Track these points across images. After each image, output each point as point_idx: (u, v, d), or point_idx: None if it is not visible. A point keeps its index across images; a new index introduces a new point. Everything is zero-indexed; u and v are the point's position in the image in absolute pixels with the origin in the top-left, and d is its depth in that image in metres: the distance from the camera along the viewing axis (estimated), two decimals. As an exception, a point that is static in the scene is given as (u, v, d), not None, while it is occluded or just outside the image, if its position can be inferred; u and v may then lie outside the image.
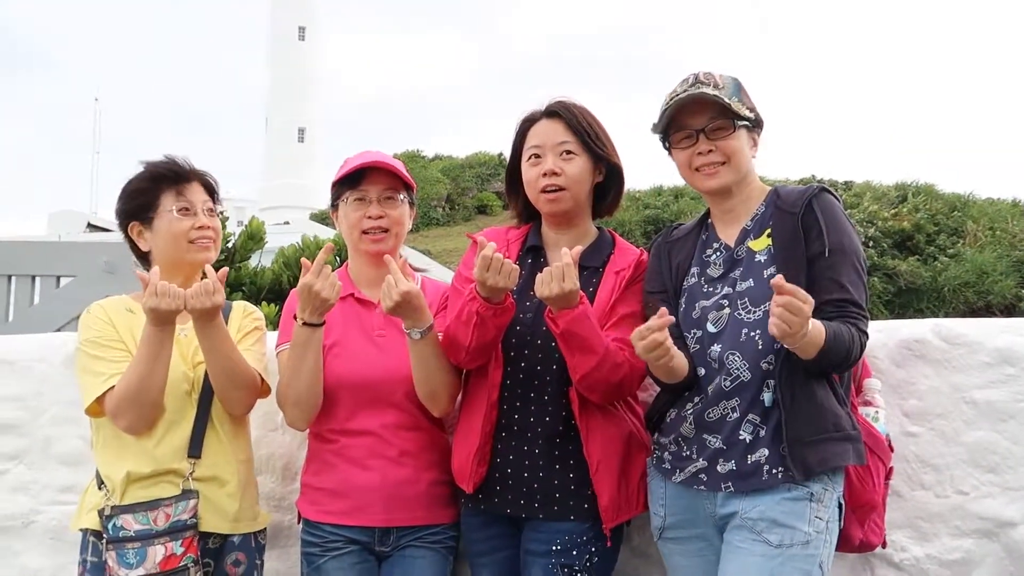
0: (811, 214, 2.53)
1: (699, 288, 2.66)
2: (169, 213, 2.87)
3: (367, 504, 2.83)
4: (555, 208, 2.83)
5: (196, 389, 2.83)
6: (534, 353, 2.77)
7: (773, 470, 2.46)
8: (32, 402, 3.54)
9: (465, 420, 2.86)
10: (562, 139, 2.82)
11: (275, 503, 3.33)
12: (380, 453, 2.85)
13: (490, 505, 2.79)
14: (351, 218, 2.95)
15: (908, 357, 2.97)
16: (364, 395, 2.86)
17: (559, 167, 2.80)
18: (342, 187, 2.97)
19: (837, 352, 2.39)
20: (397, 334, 2.86)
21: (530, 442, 2.76)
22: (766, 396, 2.49)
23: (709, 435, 2.55)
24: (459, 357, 2.77)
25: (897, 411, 2.94)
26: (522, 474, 2.75)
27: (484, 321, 2.64)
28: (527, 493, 2.74)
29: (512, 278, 2.59)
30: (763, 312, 2.49)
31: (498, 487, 2.78)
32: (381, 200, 2.94)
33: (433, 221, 36.70)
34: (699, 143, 2.60)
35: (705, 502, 2.56)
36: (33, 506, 3.50)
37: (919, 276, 26.96)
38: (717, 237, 2.71)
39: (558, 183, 2.79)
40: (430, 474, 2.90)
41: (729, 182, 2.63)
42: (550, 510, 2.73)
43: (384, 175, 2.95)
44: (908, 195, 31.14)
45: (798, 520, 2.43)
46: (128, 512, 2.70)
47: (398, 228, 2.97)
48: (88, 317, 2.86)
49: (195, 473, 2.77)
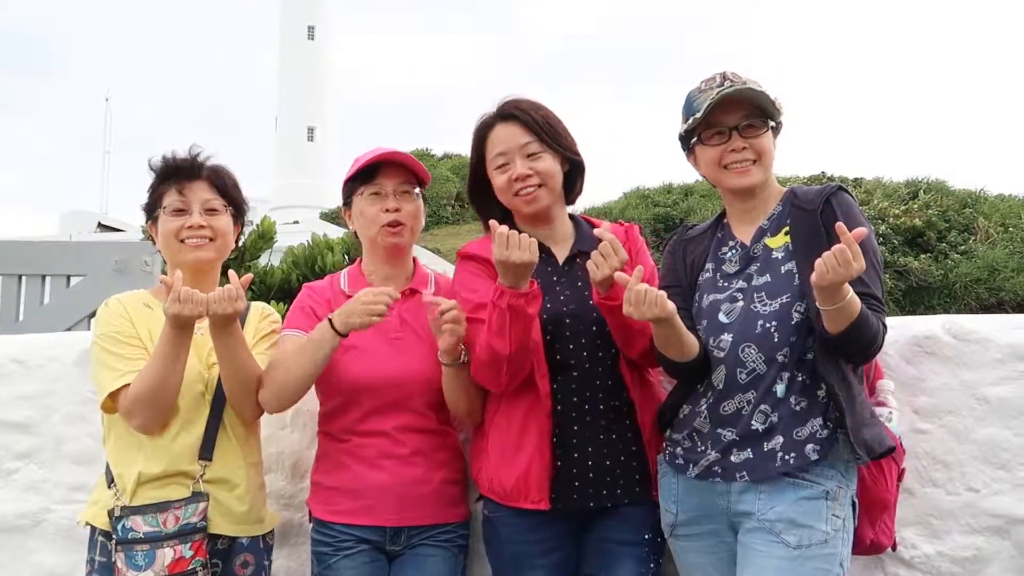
0: (830, 211, 2.55)
1: (713, 282, 2.68)
2: (164, 212, 2.87)
3: (378, 503, 2.83)
4: (535, 207, 2.84)
5: (210, 390, 2.82)
6: (582, 340, 2.76)
7: (787, 456, 2.46)
8: (43, 401, 3.55)
9: (507, 436, 2.79)
10: (524, 141, 2.83)
11: (284, 501, 3.33)
12: (392, 453, 2.85)
13: (568, 503, 2.74)
14: (368, 213, 2.92)
15: (919, 354, 2.96)
16: (380, 397, 2.85)
17: (529, 168, 2.81)
18: (356, 183, 2.95)
19: (865, 332, 2.40)
20: (414, 336, 2.87)
21: (591, 428, 2.74)
22: (778, 388, 2.50)
23: (724, 428, 2.55)
24: (499, 374, 2.70)
25: (908, 408, 2.93)
26: (588, 462, 2.73)
27: (517, 313, 2.59)
28: (601, 482, 2.73)
29: (533, 251, 2.57)
30: (779, 304, 2.52)
31: (564, 483, 2.73)
32: (397, 194, 2.93)
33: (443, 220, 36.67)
34: (732, 140, 2.62)
35: (719, 497, 2.56)
36: (45, 504, 3.51)
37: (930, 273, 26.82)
38: (733, 235, 2.73)
39: (532, 183, 2.81)
40: (441, 473, 2.90)
41: (759, 181, 2.65)
42: (629, 493, 2.74)
43: (399, 169, 2.94)
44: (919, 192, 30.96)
45: (815, 519, 2.44)
46: (138, 513, 2.69)
47: (413, 223, 2.97)
48: (106, 311, 2.85)
49: (205, 475, 2.77)
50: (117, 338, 2.78)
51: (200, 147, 2.95)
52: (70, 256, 6.06)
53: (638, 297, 2.44)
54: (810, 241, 2.53)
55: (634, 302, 2.44)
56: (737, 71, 2.64)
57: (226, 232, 2.94)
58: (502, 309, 2.60)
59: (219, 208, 2.92)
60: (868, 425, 2.47)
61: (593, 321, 2.76)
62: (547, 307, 2.77)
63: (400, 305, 2.92)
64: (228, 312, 2.65)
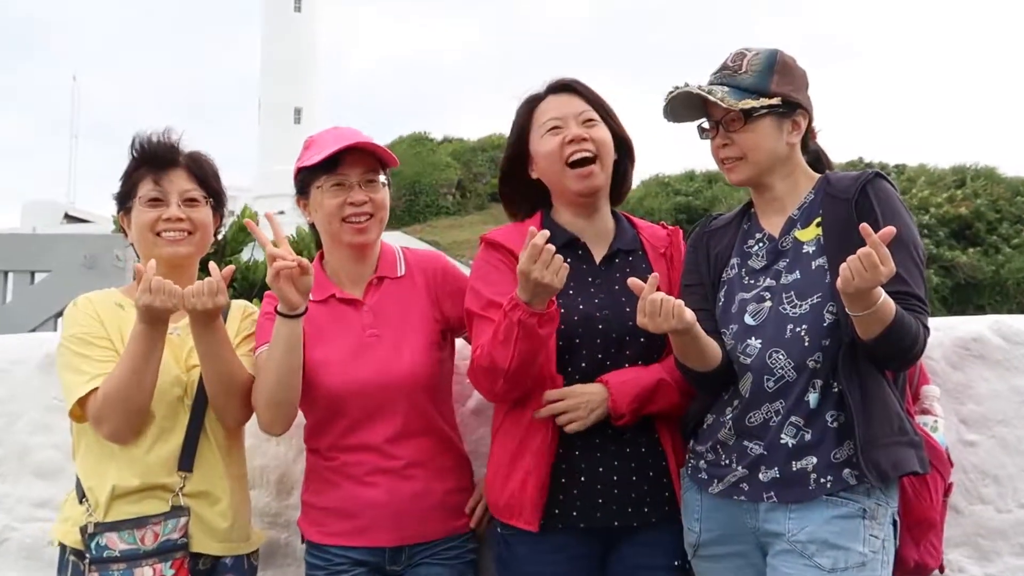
0: (866, 201, 2.53)
1: (739, 280, 2.67)
2: (139, 202, 2.87)
3: (374, 523, 2.82)
4: (588, 184, 2.80)
5: (189, 395, 2.82)
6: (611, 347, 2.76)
7: (821, 479, 2.45)
8: (5, 408, 3.55)
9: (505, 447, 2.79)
10: (581, 108, 2.84)
11: (269, 519, 3.33)
12: (384, 468, 2.83)
13: (591, 521, 2.72)
14: (329, 206, 2.87)
15: (965, 358, 2.97)
16: (363, 406, 2.83)
17: (584, 132, 2.80)
18: (314, 172, 2.90)
19: (902, 336, 2.38)
20: (391, 329, 2.86)
21: (614, 440, 2.74)
22: (811, 397, 2.49)
23: (750, 441, 2.55)
24: (495, 385, 2.69)
25: (954, 417, 2.95)
26: (614, 477, 2.73)
27: (527, 332, 2.55)
28: (626, 499, 2.73)
29: (561, 276, 2.50)
30: (810, 306, 2.50)
31: (587, 499, 2.72)
32: (363, 184, 2.89)
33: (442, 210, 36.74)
34: (718, 135, 2.65)
35: (746, 515, 2.56)
36: (7, 522, 3.51)
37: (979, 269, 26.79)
38: (760, 227, 2.71)
39: (588, 148, 2.78)
40: (443, 483, 2.89)
41: (746, 176, 2.66)
42: (657, 511, 2.74)
43: (363, 156, 2.89)
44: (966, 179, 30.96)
45: (852, 540, 2.42)
46: (113, 530, 2.69)
47: (382, 213, 2.92)
48: (74, 310, 2.85)
49: (185, 488, 2.77)
50: (86, 339, 2.77)
51: (177, 131, 2.94)
52: (35, 250, 6.04)
53: (653, 307, 2.43)
54: (843, 234, 2.51)
55: (648, 313, 2.43)
56: (747, 50, 2.66)
57: (206, 225, 2.93)
58: (512, 322, 2.57)
59: (199, 199, 2.90)
60: (887, 446, 2.44)
61: (626, 328, 2.74)
62: (579, 308, 2.76)
63: (370, 297, 2.91)
64: (208, 307, 2.64)
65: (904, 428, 2.51)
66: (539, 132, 2.85)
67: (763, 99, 2.59)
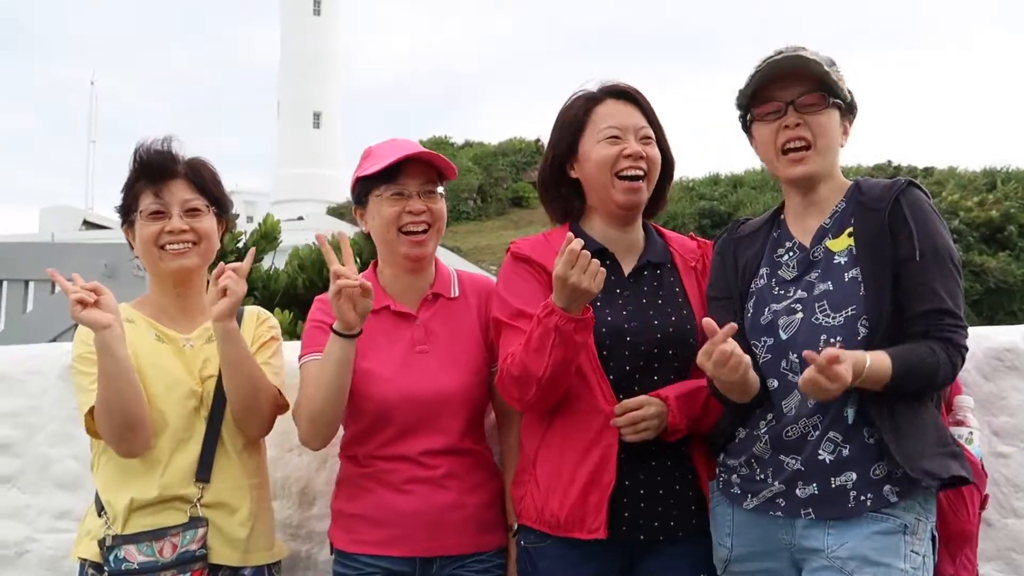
0: (899, 212, 2.50)
1: (769, 291, 2.64)
2: (141, 216, 2.87)
3: (408, 532, 2.82)
4: (634, 199, 2.82)
5: (205, 405, 2.83)
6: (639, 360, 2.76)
7: (861, 497, 2.43)
8: (26, 419, 3.59)
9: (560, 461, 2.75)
10: (641, 124, 2.84)
11: (291, 531, 3.34)
12: (421, 477, 2.84)
13: (617, 534, 2.71)
14: (387, 214, 2.88)
15: (998, 368, 2.96)
16: (407, 418, 2.85)
17: (643, 151, 2.81)
18: (374, 182, 2.90)
19: (912, 381, 2.38)
20: (441, 346, 2.88)
21: (643, 454, 2.73)
22: (849, 412, 2.46)
23: (787, 456, 2.52)
24: (527, 394, 2.68)
25: (986, 429, 2.93)
26: (640, 491, 2.72)
27: (564, 338, 2.56)
28: (653, 513, 2.72)
29: (598, 281, 2.53)
30: (844, 318, 2.48)
31: (625, 513, 2.71)
32: (422, 194, 2.90)
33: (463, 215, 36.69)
34: (787, 116, 2.58)
35: (781, 531, 2.53)
36: (28, 533, 3.54)
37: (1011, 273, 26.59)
38: (790, 235, 2.68)
39: (642, 167, 2.80)
40: (476, 497, 2.89)
41: (816, 169, 2.60)
42: (684, 526, 2.74)
43: (422, 166, 2.91)
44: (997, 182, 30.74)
45: (893, 556, 2.40)
46: (131, 542, 2.71)
47: (440, 224, 2.95)
48: (80, 329, 2.86)
49: (203, 499, 2.78)
50: (89, 358, 2.77)
51: (175, 139, 2.93)
52: (55, 259, 6.08)
53: (721, 357, 2.40)
54: (875, 245, 2.50)
55: (715, 360, 2.41)
56: (807, 47, 2.61)
57: (210, 234, 2.93)
58: (548, 328, 2.57)
59: (201, 208, 2.90)
60: (930, 456, 2.42)
61: (654, 340, 2.75)
62: (607, 320, 2.76)
63: (423, 312, 2.93)
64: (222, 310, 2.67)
65: (944, 439, 2.49)
66: (595, 135, 2.84)
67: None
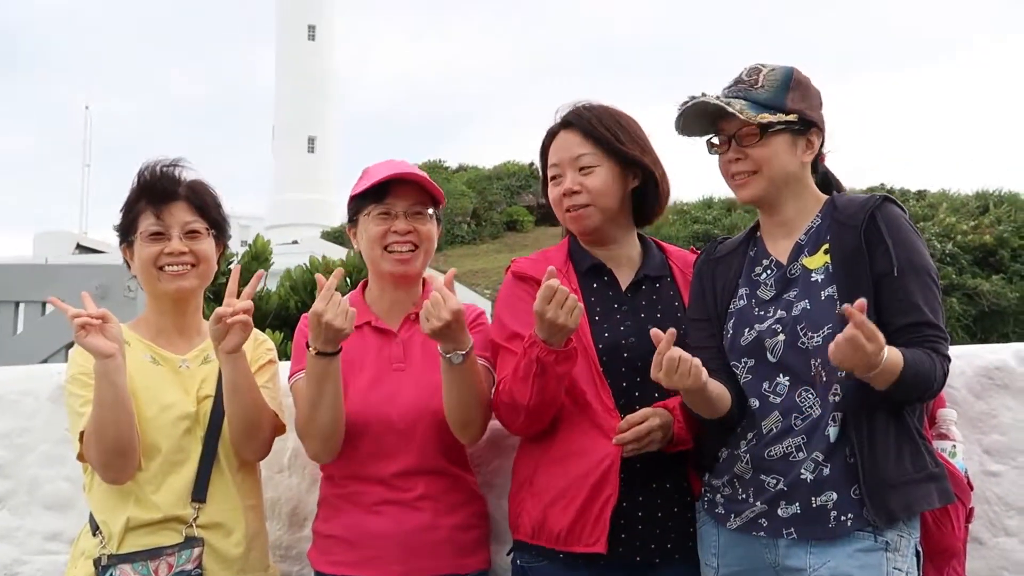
0: (875, 228, 2.51)
1: (750, 311, 2.64)
2: (141, 237, 2.88)
3: (380, 554, 2.82)
4: (582, 226, 2.86)
5: (201, 425, 2.84)
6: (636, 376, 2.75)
7: (842, 517, 2.43)
8: (17, 440, 3.57)
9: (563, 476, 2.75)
10: (578, 153, 2.85)
11: (281, 552, 3.34)
12: (393, 499, 2.84)
13: (613, 553, 2.69)
14: (373, 232, 2.92)
15: (989, 387, 2.96)
16: (381, 436, 2.85)
17: (577, 183, 2.83)
18: (364, 201, 2.95)
19: (916, 384, 2.37)
20: (418, 366, 2.87)
21: (641, 473, 2.73)
22: (831, 431, 2.46)
23: (768, 475, 2.53)
24: (516, 420, 2.73)
25: (977, 447, 2.93)
26: (638, 512, 2.72)
27: (545, 369, 2.59)
28: (650, 533, 2.72)
29: (575, 317, 2.54)
30: (822, 338, 2.47)
31: (622, 534, 2.71)
32: (409, 215, 2.93)
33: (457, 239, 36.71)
34: (730, 150, 2.64)
35: (765, 551, 2.54)
36: (17, 556, 3.53)
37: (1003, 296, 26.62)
38: (767, 253, 2.70)
39: (580, 201, 2.83)
40: (452, 518, 2.88)
41: (759, 192, 2.63)
42: (680, 547, 2.73)
43: (411, 188, 2.94)
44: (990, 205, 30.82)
45: (875, 574, 2.40)
46: (127, 561, 2.71)
47: (428, 245, 2.96)
48: (77, 350, 2.84)
49: (199, 519, 2.78)
50: (82, 380, 2.78)
51: (178, 160, 2.95)
52: (46, 280, 6.07)
53: (670, 365, 2.42)
54: (852, 262, 2.50)
55: (665, 370, 2.43)
56: (763, 65, 2.65)
57: (209, 256, 2.94)
58: (530, 359, 2.60)
59: (200, 231, 2.91)
60: (897, 486, 2.42)
61: (652, 355, 2.74)
62: (604, 336, 2.77)
63: (404, 331, 2.94)
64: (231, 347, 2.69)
65: (921, 463, 2.47)
66: (549, 175, 2.93)
67: (780, 115, 2.59)
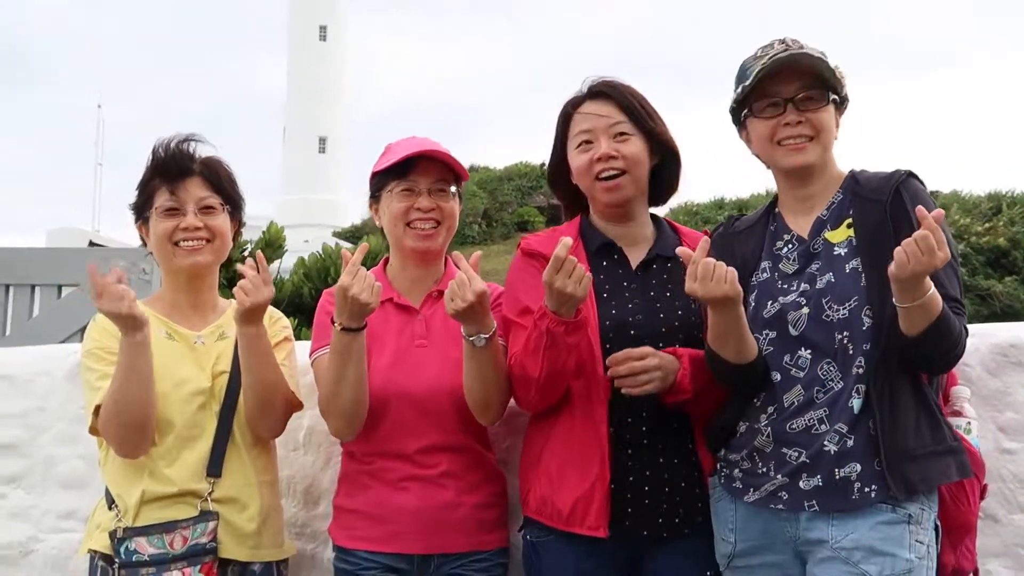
0: (900, 203, 2.52)
1: (773, 283, 2.63)
2: (156, 212, 2.90)
3: (405, 529, 2.83)
4: (616, 197, 2.83)
5: (217, 401, 2.85)
6: None
7: (866, 488, 2.43)
8: (33, 420, 3.61)
9: (566, 457, 2.77)
10: (615, 120, 2.83)
11: (297, 530, 3.35)
12: (417, 476, 2.85)
13: (622, 530, 2.71)
14: (395, 209, 2.91)
15: (1004, 364, 2.95)
16: (402, 410, 2.86)
17: (615, 149, 2.80)
18: (386, 177, 2.95)
19: (947, 334, 2.37)
20: (440, 343, 2.88)
21: (649, 450, 2.74)
22: (855, 402, 2.46)
23: (790, 449, 2.52)
24: (527, 394, 2.73)
25: (991, 425, 2.92)
26: (645, 487, 2.72)
27: (555, 340, 2.59)
28: (658, 509, 2.73)
29: (584, 286, 2.54)
30: (848, 311, 2.48)
31: (629, 509, 2.72)
32: (432, 192, 2.93)
33: (468, 239, 36.67)
34: (786, 113, 2.59)
35: (784, 524, 2.53)
36: (33, 533, 3.56)
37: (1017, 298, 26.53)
38: (787, 228, 2.69)
39: (616, 167, 2.79)
40: (475, 496, 2.89)
41: (815, 160, 2.62)
42: (689, 522, 2.74)
43: (435, 165, 2.94)
44: (1003, 206, 30.68)
45: (897, 547, 2.40)
46: (142, 535, 2.72)
47: (450, 222, 2.96)
48: (94, 326, 2.89)
49: (214, 494, 2.80)
50: (98, 354, 2.81)
51: (192, 136, 2.97)
52: (61, 265, 6.12)
53: (705, 271, 2.40)
54: (876, 236, 2.51)
55: (700, 276, 2.41)
56: (799, 38, 2.63)
57: (224, 232, 2.96)
58: (540, 331, 2.61)
59: (215, 206, 2.93)
60: (918, 458, 2.43)
61: (660, 334, 2.75)
62: (612, 313, 2.78)
63: (427, 308, 2.95)
64: (260, 302, 2.69)
65: (941, 436, 2.48)
66: (573, 144, 2.87)
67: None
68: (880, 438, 2.42)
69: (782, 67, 2.57)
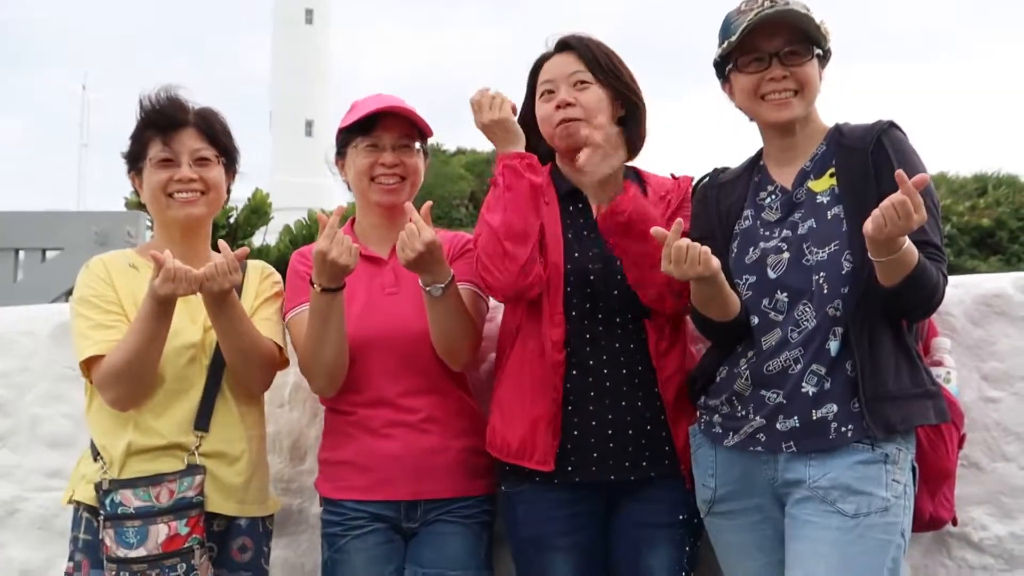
0: (881, 151, 2.54)
1: (755, 230, 2.65)
2: (150, 163, 2.88)
3: (391, 476, 2.85)
4: (573, 141, 2.83)
5: (207, 355, 2.84)
6: (603, 300, 2.79)
7: (842, 428, 2.44)
8: (17, 379, 3.59)
9: (515, 389, 2.82)
10: (574, 69, 2.87)
11: (283, 486, 3.35)
12: (401, 421, 2.87)
13: (587, 475, 2.75)
14: (360, 165, 2.96)
15: (987, 314, 2.96)
16: (379, 358, 2.88)
17: (572, 96, 2.84)
18: (352, 133, 2.99)
19: (923, 284, 2.39)
20: (410, 289, 2.88)
21: (611, 394, 2.76)
22: (832, 345, 2.48)
23: (768, 391, 2.53)
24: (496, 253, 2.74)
25: (976, 374, 2.93)
26: (608, 431, 2.75)
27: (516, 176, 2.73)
28: (623, 453, 2.75)
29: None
30: (827, 254, 2.50)
31: (582, 452, 2.75)
32: (396, 147, 2.97)
33: (456, 222, 36.68)
34: (771, 68, 2.60)
35: (763, 467, 2.55)
36: (18, 493, 3.55)
37: (1002, 278, 26.69)
38: (771, 179, 2.71)
39: (573, 115, 2.82)
40: (460, 441, 2.91)
41: (799, 114, 2.63)
42: (656, 466, 2.76)
43: (399, 121, 2.98)
44: (988, 187, 30.87)
45: (874, 485, 2.42)
46: (128, 487, 2.70)
47: (415, 177, 3.01)
48: (86, 273, 2.86)
49: (201, 448, 2.78)
50: (94, 303, 2.79)
51: (183, 88, 2.95)
52: (46, 228, 6.06)
53: (679, 254, 2.42)
54: (858, 185, 2.52)
55: (674, 259, 2.42)
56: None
57: (218, 184, 2.95)
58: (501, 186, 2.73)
59: (210, 158, 2.92)
60: (897, 399, 2.45)
61: (615, 282, 2.79)
62: (574, 257, 2.81)
63: (395, 259, 2.93)
64: (225, 287, 2.67)
65: (919, 379, 2.50)
66: (539, 93, 2.93)
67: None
68: (860, 379, 2.44)
69: (767, 21, 2.57)
